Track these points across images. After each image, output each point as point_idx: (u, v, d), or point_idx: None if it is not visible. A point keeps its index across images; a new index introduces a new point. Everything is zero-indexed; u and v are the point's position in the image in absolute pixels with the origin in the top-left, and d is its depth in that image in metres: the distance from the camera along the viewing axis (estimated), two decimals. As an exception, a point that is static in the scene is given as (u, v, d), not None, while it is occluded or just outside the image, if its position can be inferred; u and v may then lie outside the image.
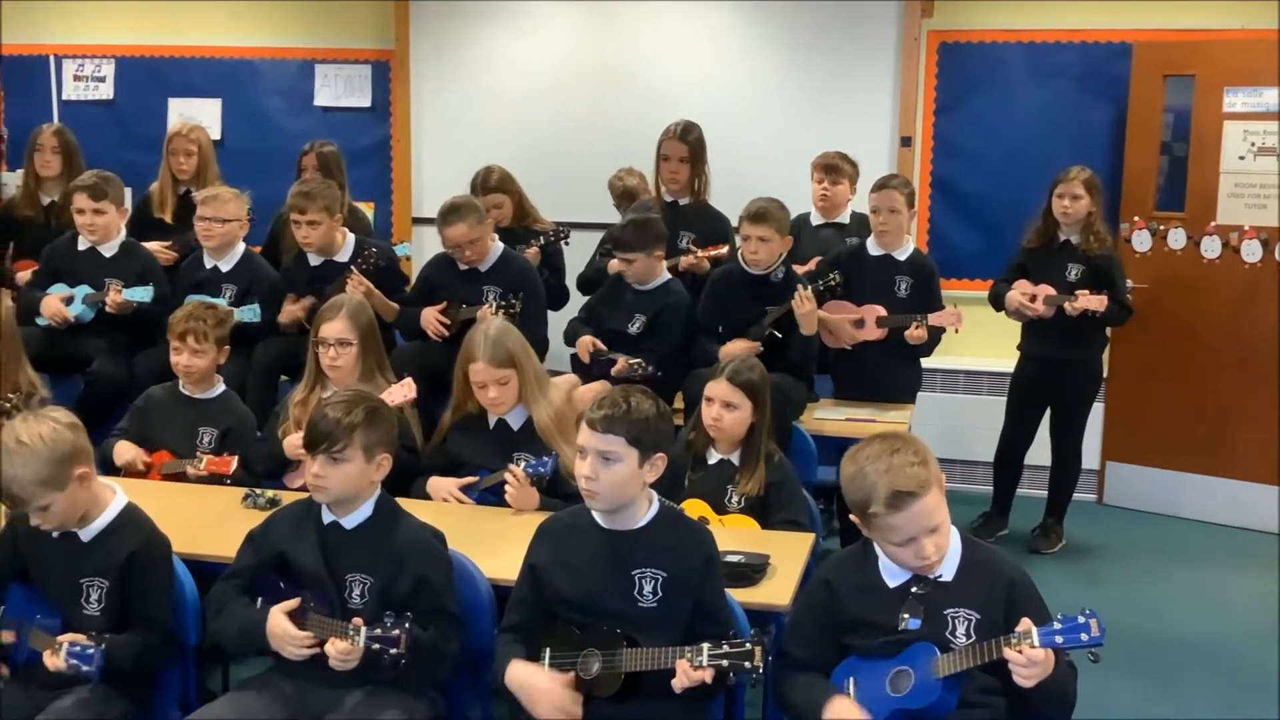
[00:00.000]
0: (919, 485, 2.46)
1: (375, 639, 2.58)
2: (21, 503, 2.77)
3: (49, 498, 2.77)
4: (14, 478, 2.73)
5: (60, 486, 2.78)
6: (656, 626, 2.65)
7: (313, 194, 4.85)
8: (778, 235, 4.59)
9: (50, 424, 2.81)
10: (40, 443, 2.76)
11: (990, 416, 5.69)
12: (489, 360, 3.62)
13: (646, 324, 4.69)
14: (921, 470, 2.47)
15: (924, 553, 2.49)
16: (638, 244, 4.67)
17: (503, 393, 3.63)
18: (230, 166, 5.97)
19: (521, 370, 3.65)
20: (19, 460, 2.74)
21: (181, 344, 3.95)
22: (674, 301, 4.74)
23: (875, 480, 2.48)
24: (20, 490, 2.74)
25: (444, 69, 6.80)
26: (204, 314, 4.00)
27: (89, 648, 2.69)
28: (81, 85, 7.24)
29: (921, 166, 6.33)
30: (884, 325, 4.83)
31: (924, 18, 6.22)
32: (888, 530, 2.50)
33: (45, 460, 2.75)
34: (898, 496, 2.45)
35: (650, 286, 4.76)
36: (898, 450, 2.50)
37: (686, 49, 6.49)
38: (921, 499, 2.46)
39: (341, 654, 2.61)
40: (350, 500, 2.83)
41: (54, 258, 5.02)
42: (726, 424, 3.56)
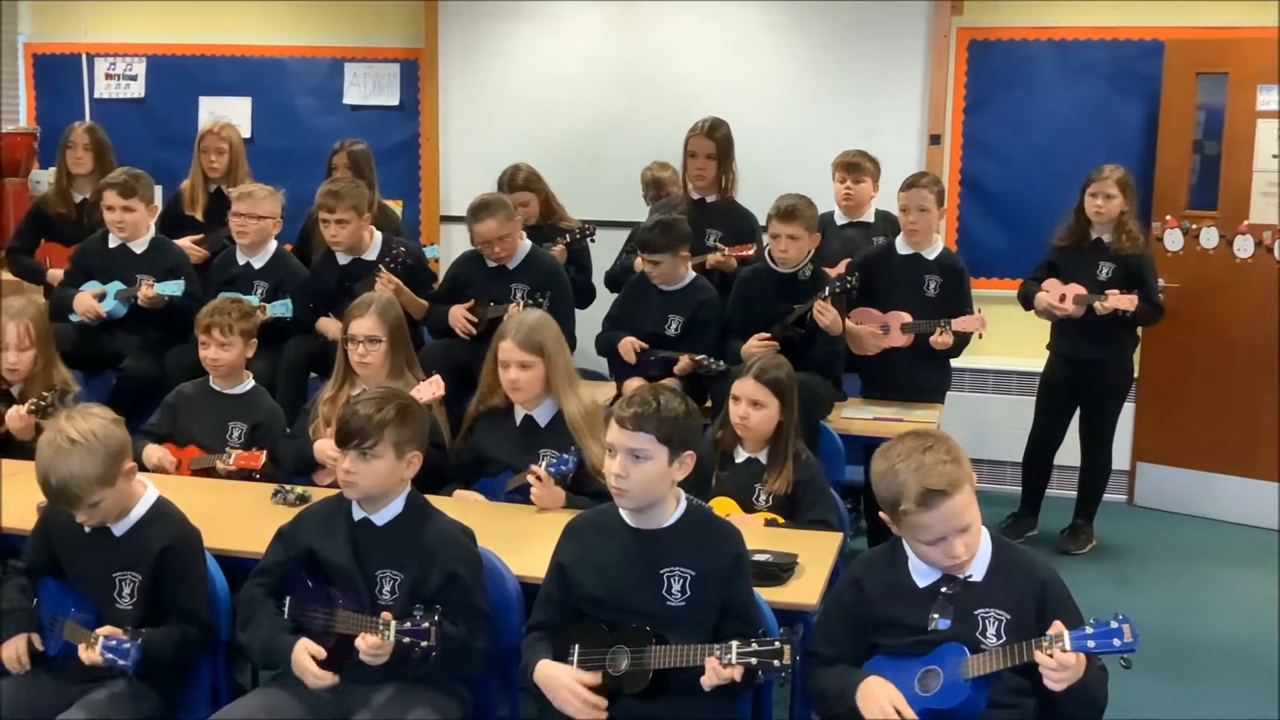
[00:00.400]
0: (950, 484, 2.45)
1: (405, 632, 2.59)
2: (76, 501, 2.78)
3: (101, 494, 2.79)
4: (71, 476, 2.75)
5: (111, 483, 2.81)
6: (684, 625, 2.64)
7: (341, 193, 4.87)
8: (806, 233, 4.59)
9: (98, 420, 2.84)
10: (94, 439, 2.79)
11: (1019, 416, 5.66)
12: (517, 340, 3.63)
13: (684, 325, 4.69)
14: (953, 469, 2.46)
15: (954, 552, 2.48)
16: (664, 245, 4.67)
17: (523, 377, 3.63)
18: (260, 165, 6.00)
19: (551, 362, 3.65)
20: (75, 458, 2.75)
21: (208, 337, 3.98)
22: (707, 299, 4.74)
23: (906, 478, 2.47)
24: (77, 488, 2.76)
25: (472, 67, 6.82)
26: (229, 308, 4.03)
27: (125, 642, 2.71)
28: (113, 83, 7.30)
29: (951, 165, 6.30)
30: (909, 331, 4.81)
31: (954, 15, 6.19)
32: (918, 529, 2.49)
33: (101, 457, 2.78)
34: (929, 495, 2.44)
35: (678, 286, 4.76)
36: (930, 448, 2.49)
37: (714, 46, 6.48)
38: (952, 498, 2.45)
39: (372, 648, 2.61)
40: (380, 497, 2.84)
41: (85, 256, 5.06)
42: (753, 422, 3.55)
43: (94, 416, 2.86)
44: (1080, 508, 5.48)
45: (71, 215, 5.52)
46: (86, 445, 2.77)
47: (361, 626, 2.65)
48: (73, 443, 2.77)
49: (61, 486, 2.76)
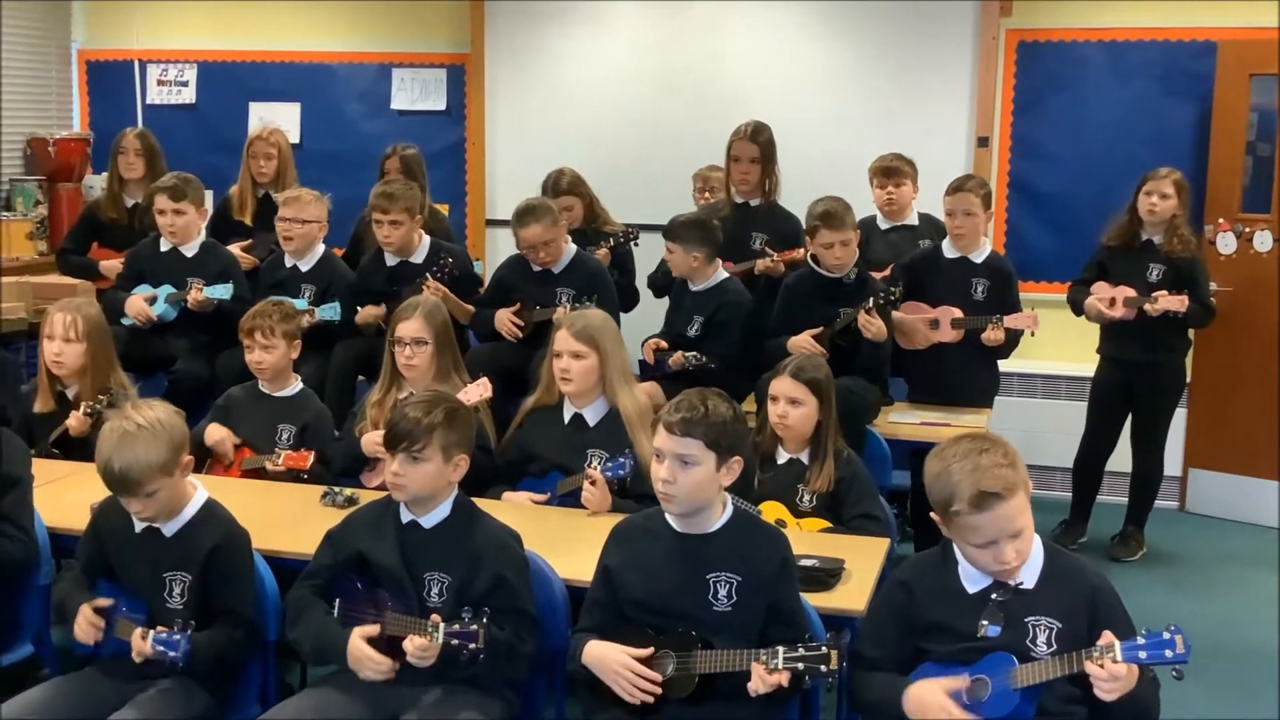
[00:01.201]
0: (1005, 487, 2.42)
1: (453, 634, 2.60)
2: (135, 487, 2.81)
3: (159, 482, 2.82)
4: (135, 460, 2.78)
5: (170, 472, 2.84)
6: (731, 630, 2.64)
7: (396, 195, 4.92)
8: (855, 235, 4.57)
9: (162, 410, 2.90)
10: (159, 427, 2.83)
11: (1068, 421, 5.60)
12: (573, 332, 3.66)
13: (704, 325, 4.69)
14: (1009, 472, 2.44)
15: (1004, 557, 2.46)
16: (679, 236, 4.69)
17: (574, 366, 3.64)
18: (308, 169, 6.05)
19: (605, 358, 3.66)
20: (139, 444, 2.79)
21: (250, 341, 4.02)
22: (730, 301, 4.73)
23: (960, 479, 2.44)
24: (138, 473, 2.79)
25: (518, 72, 6.84)
26: (270, 310, 4.07)
27: (175, 634, 2.74)
28: (165, 89, 7.39)
29: (999, 167, 6.25)
30: (959, 327, 4.77)
31: (1002, 17, 6.14)
32: (969, 531, 2.47)
33: (164, 444, 2.82)
34: (982, 497, 2.42)
35: (705, 287, 4.76)
36: (986, 450, 2.46)
37: (760, 49, 6.47)
38: (1006, 502, 2.42)
39: (420, 650, 2.62)
40: (428, 499, 2.85)
41: (137, 259, 5.13)
42: (792, 420, 3.54)
43: (157, 407, 2.91)
44: (1131, 514, 5.42)
45: (123, 220, 5.59)
46: (151, 431, 2.82)
47: (410, 628, 2.67)
48: (138, 428, 2.81)
49: (124, 472, 2.79)
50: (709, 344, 4.65)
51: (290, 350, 4.08)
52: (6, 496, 3.13)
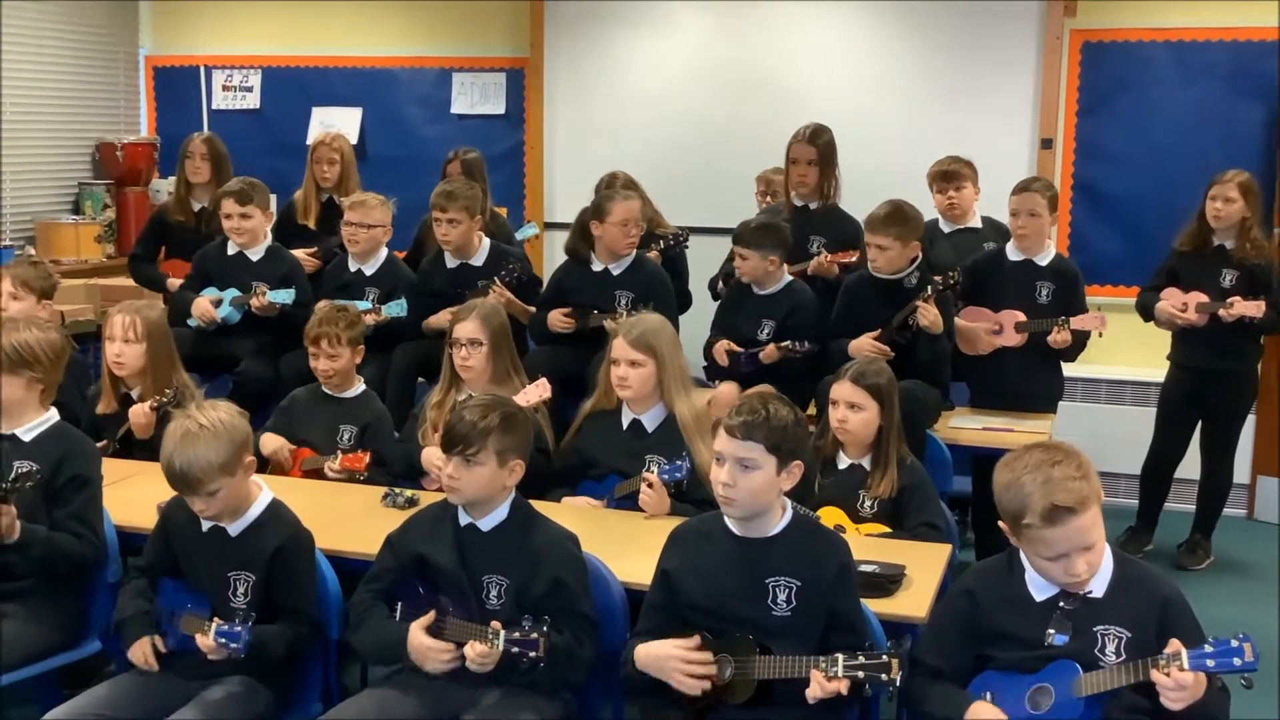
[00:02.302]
0: (1078, 501, 2.38)
1: (514, 642, 2.60)
2: (196, 485, 2.84)
3: (220, 482, 2.86)
4: (196, 459, 2.82)
5: (232, 472, 2.88)
6: (790, 635, 2.62)
7: (455, 194, 4.97)
8: (897, 242, 4.47)
9: (225, 410, 2.93)
10: (221, 426, 2.87)
11: (1134, 428, 5.51)
12: (629, 339, 3.66)
13: (776, 329, 4.66)
14: (1082, 485, 2.39)
15: (1075, 570, 2.42)
16: (753, 241, 4.67)
17: (632, 375, 3.64)
18: (369, 173, 6.12)
19: (663, 365, 3.66)
20: (201, 442, 2.83)
21: (317, 349, 4.06)
22: (801, 302, 4.70)
23: (1032, 491, 2.40)
24: (200, 472, 2.82)
25: (577, 75, 6.87)
26: (336, 317, 4.10)
27: (236, 626, 2.77)
28: (230, 95, 7.51)
29: (1063, 169, 6.17)
30: (1023, 330, 4.71)
31: (1066, 17, 6.07)
32: (1040, 544, 2.42)
33: (226, 443, 2.86)
34: (1055, 511, 2.37)
35: (772, 290, 4.74)
36: (1058, 462, 2.42)
37: (821, 51, 6.44)
38: (1079, 515, 2.38)
39: (480, 656, 2.63)
40: (484, 503, 2.86)
41: (204, 262, 5.20)
42: (852, 426, 3.51)
43: (221, 407, 2.94)
44: (1199, 522, 5.32)
45: (190, 223, 5.67)
46: (213, 431, 2.85)
47: (471, 634, 2.67)
48: (200, 428, 2.85)
49: (185, 470, 2.82)
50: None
51: (354, 356, 4.12)
52: (77, 497, 3.18)
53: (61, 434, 3.27)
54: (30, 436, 3.22)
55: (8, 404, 3.22)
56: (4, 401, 3.21)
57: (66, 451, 3.21)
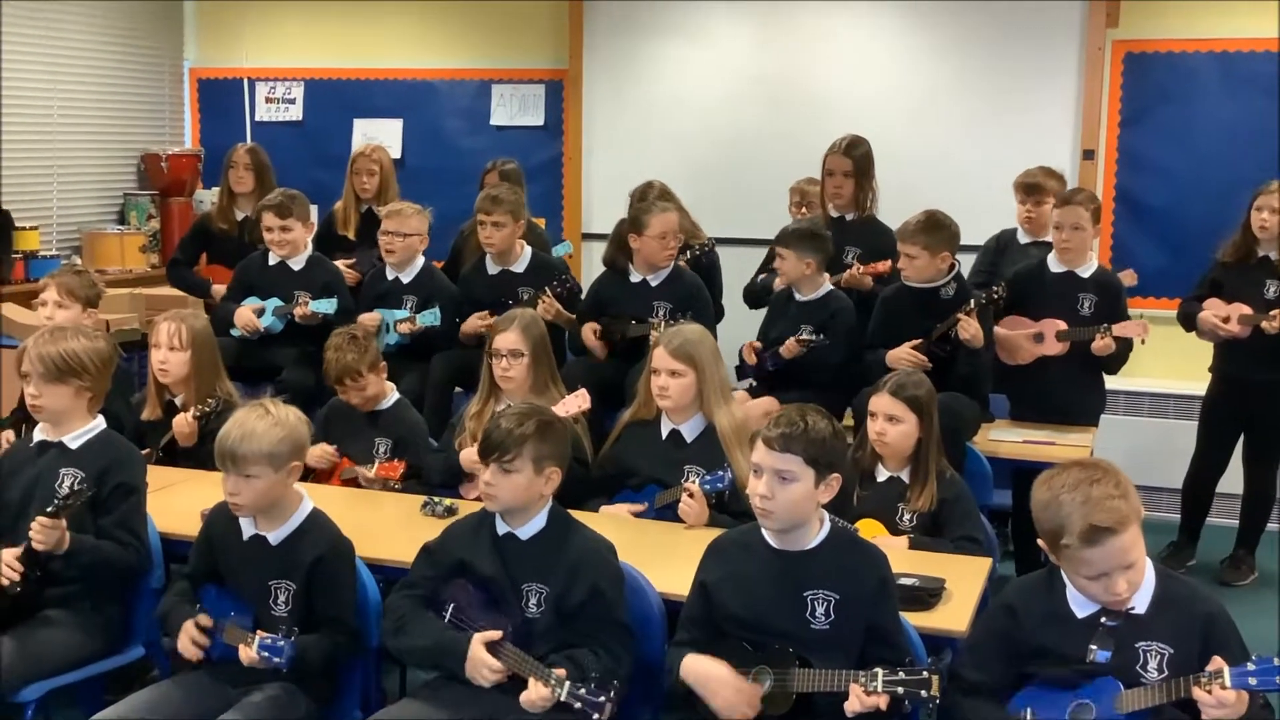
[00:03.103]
0: (1118, 521, 2.35)
1: (578, 697, 2.55)
2: (238, 461, 2.88)
3: (260, 469, 2.89)
4: (246, 436, 2.87)
5: (276, 468, 2.91)
6: (828, 649, 2.61)
7: (499, 198, 5.04)
8: (926, 253, 4.45)
9: (296, 413, 3.00)
10: (285, 421, 2.94)
11: (1176, 441, 5.45)
12: (669, 349, 3.66)
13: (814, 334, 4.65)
14: (1122, 504, 2.37)
15: (1116, 589, 2.39)
16: (792, 242, 4.68)
17: (671, 385, 3.65)
18: (409, 185, 6.16)
19: (703, 375, 3.66)
20: (261, 425, 2.89)
21: (344, 388, 4.10)
22: (840, 308, 4.70)
23: (1071, 511, 2.38)
24: (244, 450, 2.86)
25: (615, 87, 6.89)
26: (347, 349, 4.08)
27: (279, 640, 2.79)
28: (273, 107, 7.58)
29: (1105, 180, 6.13)
30: (1064, 339, 4.67)
31: (1109, 27, 6.03)
32: (1079, 564, 2.40)
33: (281, 437, 2.91)
34: (1094, 531, 2.35)
35: (813, 297, 4.73)
36: (1097, 481, 2.39)
37: (859, 61, 6.44)
38: (1119, 535, 2.36)
39: (542, 701, 2.60)
40: (521, 511, 2.87)
41: (246, 273, 5.26)
42: (890, 438, 3.50)
43: (293, 410, 3.01)
44: (1242, 537, 5.25)
45: (233, 232, 5.75)
46: (275, 420, 2.92)
47: (527, 668, 2.66)
48: (266, 413, 2.92)
49: (233, 444, 2.87)
50: (818, 353, 4.61)
51: (380, 374, 4.16)
52: (123, 505, 3.22)
53: (108, 442, 3.30)
54: (77, 444, 3.26)
55: (55, 412, 3.26)
56: (51, 409, 3.25)
57: (112, 460, 3.24)
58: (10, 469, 3.30)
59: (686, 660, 2.67)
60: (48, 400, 3.24)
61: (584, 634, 2.76)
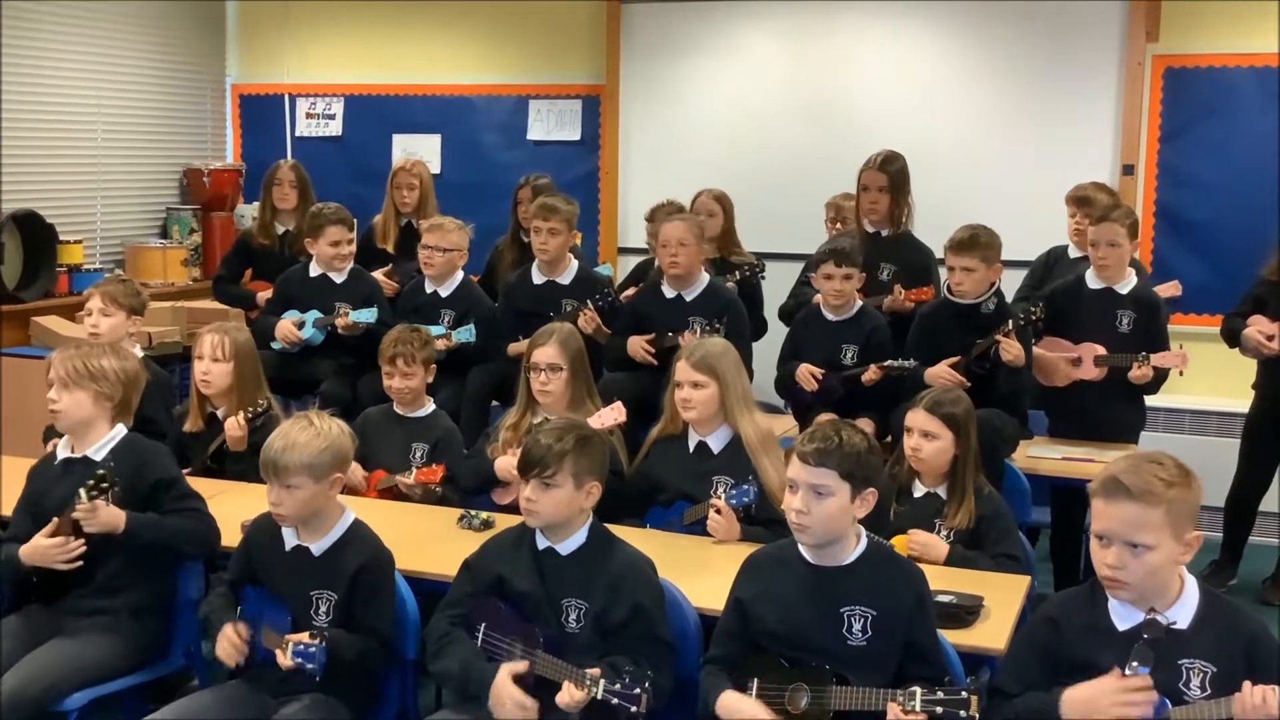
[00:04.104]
0: (1140, 489, 2.36)
1: (614, 693, 2.55)
2: (282, 472, 2.91)
3: (303, 479, 2.92)
4: (290, 447, 2.90)
5: (317, 478, 2.94)
6: (865, 666, 2.61)
7: (557, 206, 5.11)
8: (984, 265, 4.44)
9: (340, 425, 3.03)
10: (329, 434, 2.97)
11: (1217, 459, 5.37)
12: (691, 362, 3.68)
13: (860, 353, 4.65)
14: (1156, 483, 2.37)
15: (1106, 559, 2.40)
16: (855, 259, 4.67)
17: (694, 396, 3.65)
18: (447, 199, 6.21)
19: (725, 386, 3.66)
20: (303, 436, 2.92)
21: (392, 367, 4.13)
22: (875, 326, 4.70)
23: (1112, 465, 2.43)
24: (287, 460, 2.90)
25: (652, 102, 6.92)
26: (410, 337, 4.18)
27: (312, 646, 2.81)
28: (313, 122, 7.66)
29: (1145, 195, 6.09)
30: (1102, 364, 4.63)
31: (1149, 42, 6.00)
32: (1094, 515, 2.43)
33: (323, 448, 2.94)
34: (1112, 483, 2.38)
35: (847, 316, 4.72)
36: (1156, 460, 2.42)
37: (896, 76, 6.43)
38: (1132, 503, 2.36)
39: (576, 705, 2.60)
40: (562, 526, 2.88)
41: (287, 285, 5.31)
42: (925, 454, 3.48)
43: (337, 423, 3.05)
44: (1285, 556, 5.19)
45: (274, 247, 5.81)
46: (319, 433, 2.95)
47: (563, 674, 2.65)
48: (311, 425, 2.96)
49: (277, 454, 2.90)
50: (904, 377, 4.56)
51: (427, 374, 4.19)
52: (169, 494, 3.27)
53: (130, 446, 3.33)
54: (101, 455, 3.29)
55: (75, 420, 3.29)
56: (71, 416, 3.28)
57: (141, 461, 3.28)
58: (41, 492, 3.33)
59: (723, 697, 2.66)
60: (66, 406, 3.27)
61: (626, 651, 2.75)
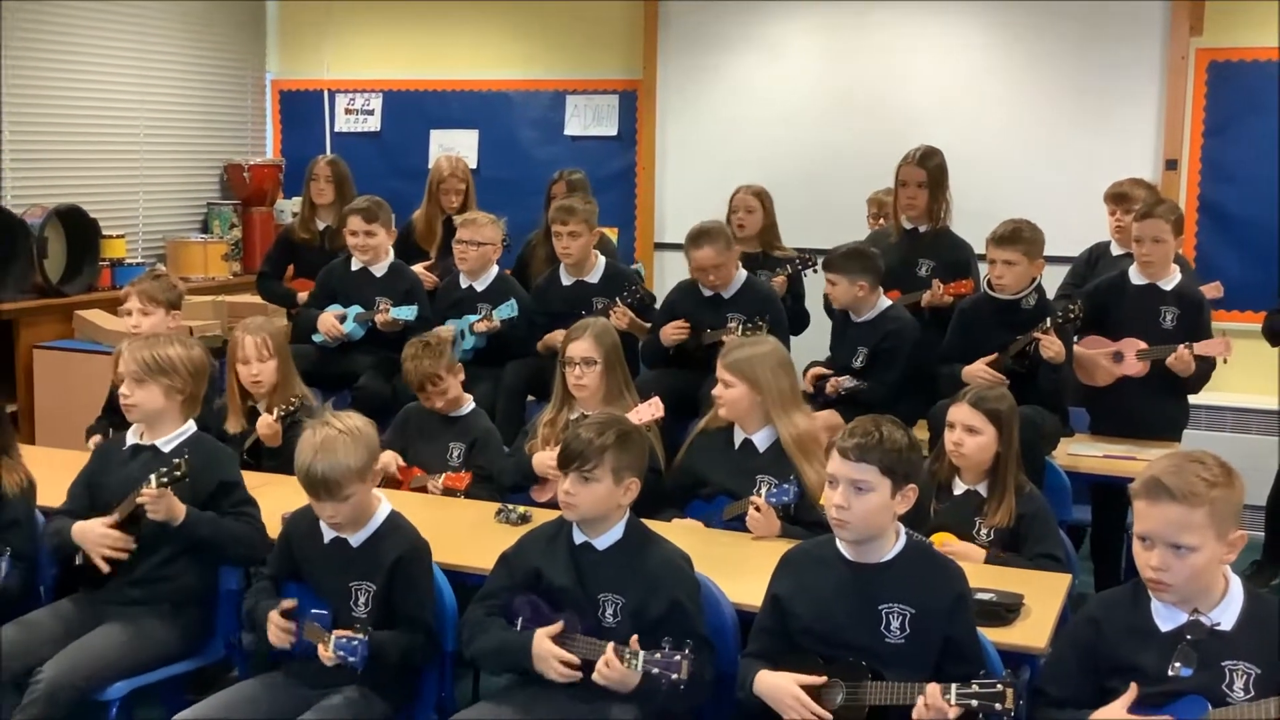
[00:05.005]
0: (1182, 491, 2.34)
1: (654, 664, 2.57)
2: (335, 489, 2.91)
3: (355, 487, 2.94)
4: (336, 464, 2.90)
5: (364, 478, 2.96)
6: (903, 663, 2.60)
7: (573, 208, 5.09)
8: (1026, 259, 4.40)
9: (358, 418, 3.03)
10: (358, 432, 2.96)
11: (1259, 457, 5.32)
12: (722, 360, 3.68)
13: (869, 356, 4.62)
14: (1199, 484, 2.34)
15: (1149, 560, 2.38)
16: (840, 267, 4.64)
17: (726, 395, 3.65)
18: (485, 194, 6.21)
19: (758, 389, 3.64)
20: (340, 448, 2.91)
21: (425, 393, 4.14)
22: (894, 329, 4.64)
23: (1153, 465, 2.41)
24: (338, 476, 2.90)
25: (689, 97, 6.90)
26: (422, 354, 4.12)
27: (354, 639, 2.83)
28: (352, 118, 7.70)
29: (1188, 190, 6.02)
30: (1144, 358, 4.57)
31: (1192, 36, 5.93)
32: (1136, 515, 2.40)
33: (363, 450, 2.95)
34: (1154, 484, 2.36)
35: (868, 318, 4.69)
36: (1199, 460, 2.40)
37: (935, 71, 6.39)
38: (1174, 504, 2.34)
39: (618, 673, 2.62)
40: (600, 520, 2.88)
41: (329, 279, 5.34)
42: (968, 450, 3.45)
43: (353, 416, 3.04)
44: (1329, 556, 5.11)
45: (314, 242, 5.85)
46: (352, 437, 2.94)
47: (601, 652, 2.67)
48: (339, 433, 2.94)
49: (327, 474, 2.89)
50: (874, 374, 4.58)
51: (458, 376, 4.19)
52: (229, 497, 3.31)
53: (198, 444, 3.37)
54: (169, 448, 3.33)
55: (148, 413, 3.33)
56: (144, 410, 3.33)
57: (208, 460, 3.31)
58: (104, 472, 3.38)
59: (760, 676, 2.67)
60: (140, 399, 3.32)
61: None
